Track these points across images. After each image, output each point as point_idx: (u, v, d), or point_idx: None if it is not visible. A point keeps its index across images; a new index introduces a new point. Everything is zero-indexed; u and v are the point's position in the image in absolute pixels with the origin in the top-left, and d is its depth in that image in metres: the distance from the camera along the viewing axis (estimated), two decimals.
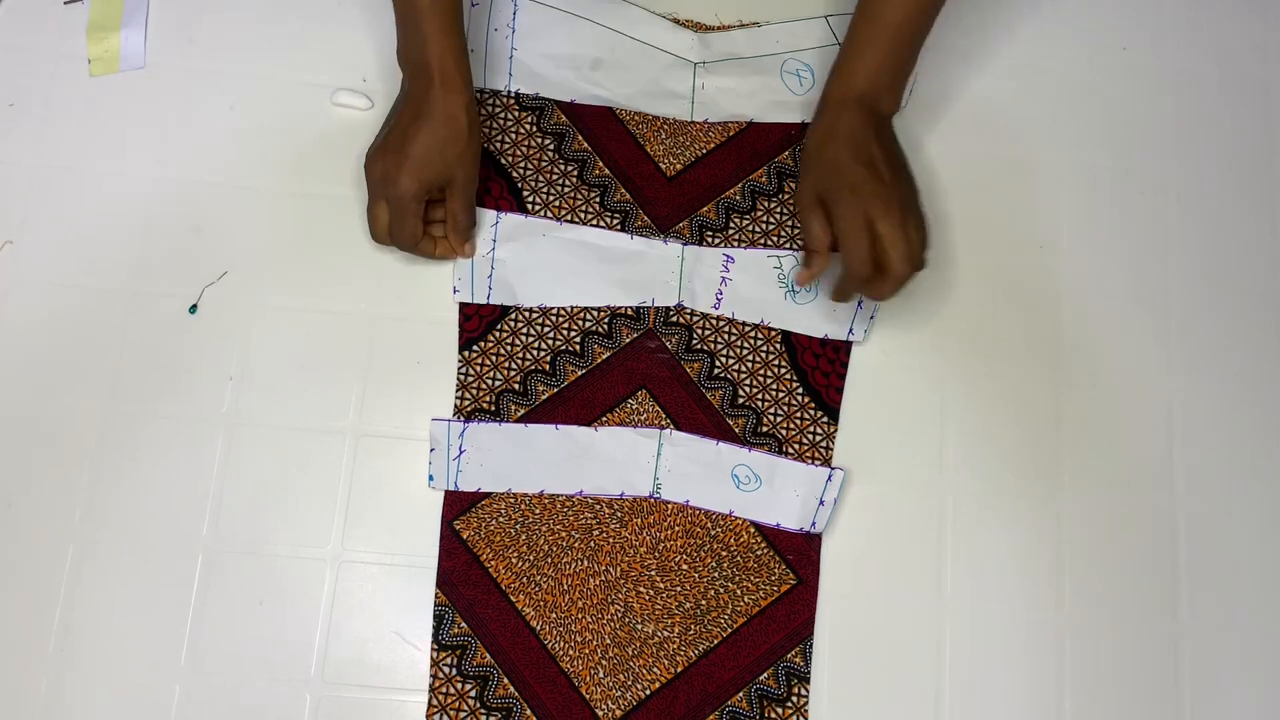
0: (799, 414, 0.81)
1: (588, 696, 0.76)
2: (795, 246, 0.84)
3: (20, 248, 0.81)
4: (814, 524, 0.79)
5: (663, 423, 0.80)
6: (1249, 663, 0.79)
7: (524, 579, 0.78)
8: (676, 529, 0.79)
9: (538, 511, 0.79)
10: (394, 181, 0.75)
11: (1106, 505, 0.81)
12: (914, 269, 0.74)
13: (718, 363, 0.82)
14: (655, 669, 0.77)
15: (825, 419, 0.81)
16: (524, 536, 0.78)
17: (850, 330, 0.82)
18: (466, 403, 0.80)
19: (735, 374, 0.82)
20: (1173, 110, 0.89)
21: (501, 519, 0.78)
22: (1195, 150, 0.89)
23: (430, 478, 0.78)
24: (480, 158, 0.78)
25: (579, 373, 0.81)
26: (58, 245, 0.81)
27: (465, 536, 0.78)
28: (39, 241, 0.81)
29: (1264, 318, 0.85)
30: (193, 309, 0.81)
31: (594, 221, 0.84)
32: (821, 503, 0.79)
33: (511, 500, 0.79)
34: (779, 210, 0.85)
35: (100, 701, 0.74)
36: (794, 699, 0.77)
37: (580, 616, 0.77)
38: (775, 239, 0.84)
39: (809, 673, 0.77)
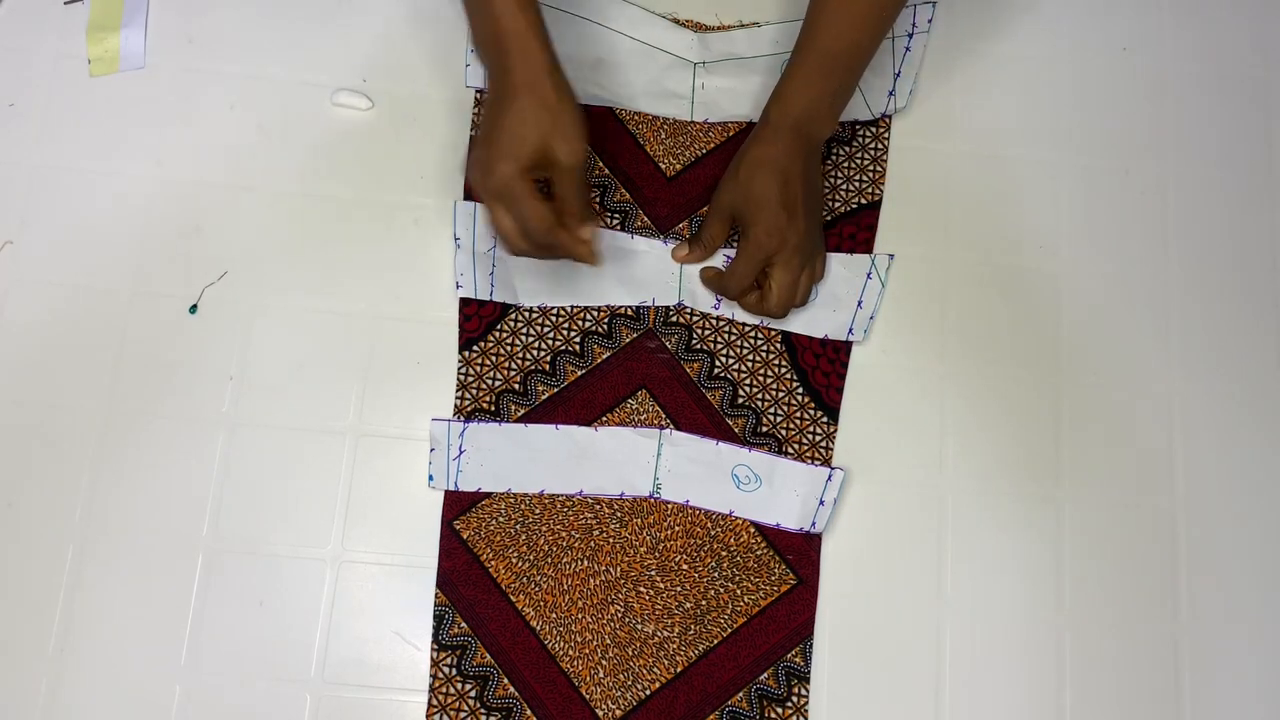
0: (799, 414, 0.81)
1: (588, 696, 0.76)
2: None
3: (20, 248, 0.81)
4: (814, 524, 0.79)
5: (663, 423, 0.80)
6: (1249, 662, 0.79)
7: (524, 579, 0.78)
8: (676, 529, 0.79)
9: (538, 511, 0.79)
10: (491, 172, 0.70)
11: (1106, 505, 0.81)
12: (786, 312, 0.80)
13: (718, 363, 0.82)
14: (655, 669, 0.77)
15: (825, 419, 0.81)
16: (524, 536, 0.78)
17: (850, 330, 0.82)
18: (466, 403, 0.80)
19: (735, 374, 0.82)
20: (1173, 110, 0.89)
21: (501, 519, 0.78)
22: (1195, 150, 0.89)
23: (430, 478, 0.78)
24: (583, 126, 0.71)
25: (579, 373, 0.81)
26: (58, 245, 0.81)
27: (465, 536, 0.78)
28: (39, 241, 0.81)
29: (1264, 318, 0.85)
30: (193, 309, 0.81)
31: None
32: (821, 503, 0.79)
33: (511, 500, 0.79)
34: None
35: (100, 701, 0.74)
36: (794, 699, 0.77)
37: (580, 616, 0.77)
38: None
39: (809, 673, 0.77)
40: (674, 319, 0.82)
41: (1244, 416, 0.84)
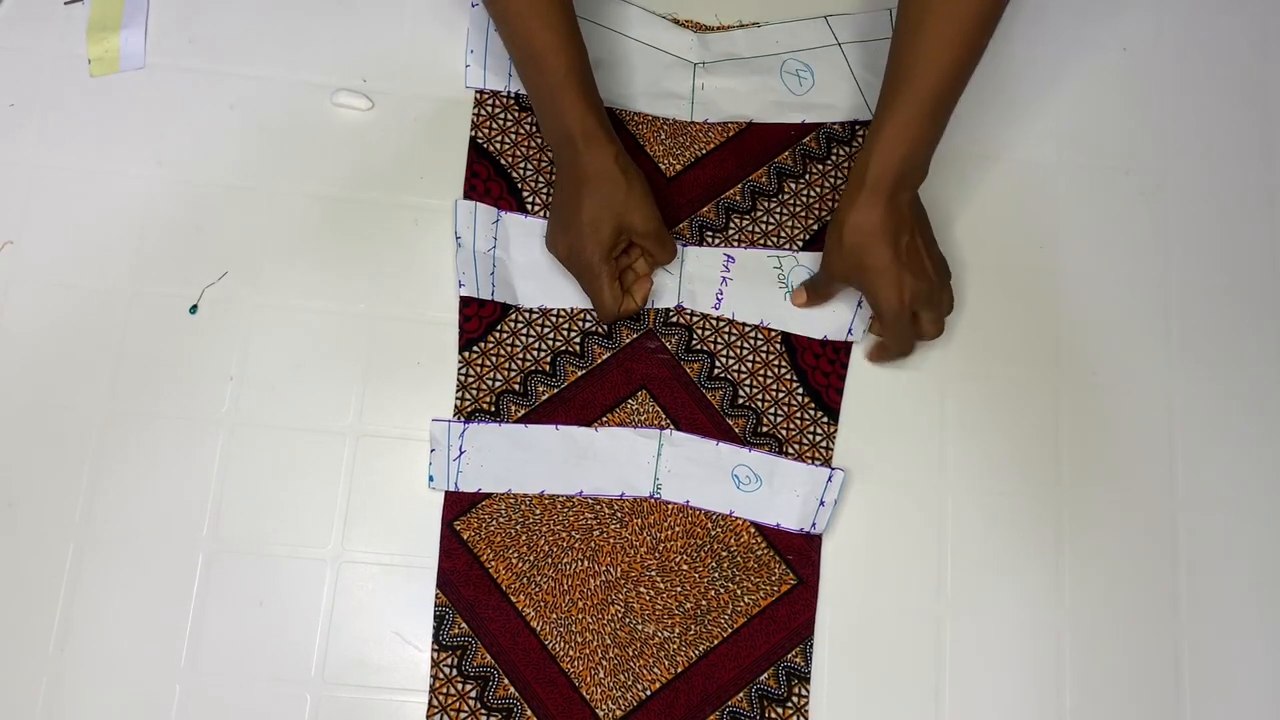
0: (799, 414, 0.81)
1: (588, 697, 0.76)
2: (796, 247, 0.84)
3: (20, 248, 0.81)
4: (814, 525, 0.79)
5: (663, 423, 0.80)
6: (1249, 662, 0.79)
7: (524, 579, 0.78)
8: (677, 529, 0.79)
9: (538, 512, 0.79)
10: (579, 253, 0.76)
11: (1106, 505, 0.81)
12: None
13: (718, 363, 0.82)
14: (656, 669, 0.77)
15: (825, 419, 0.81)
16: (524, 537, 0.78)
17: (850, 330, 0.82)
18: (466, 403, 0.80)
19: (735, 374, 0.82)
20: (1173, 110, 0.89)
21: (501, 519, 0.78)
22: (1195, 150, 0.89)
23: (430, 478, 0.78)
24: (651, 194, 0.78)
25: (579, 373, 0.81)
26: (58, 245, 0.81)
27: (465, 537, 0.78)
28: (39, 241, 0.81)
29: (1264, 318, 0.85)
30: (193, 309, 0.81)
31: None
32: (822, 503, 0.79)
33: (511, 501, 0.79)
34: (779, 210, 0.85)
35: (100, 701, 0.74)
36: (794, 699, 0.77)
37: (580, 617, 0.77)
38: (775, 239, 0.84)
39: (809, 673, 0.77)
40: (674, 319, 0.82)
41: (1244, 416, 0.84)
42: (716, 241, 0.84)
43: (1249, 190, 0.88)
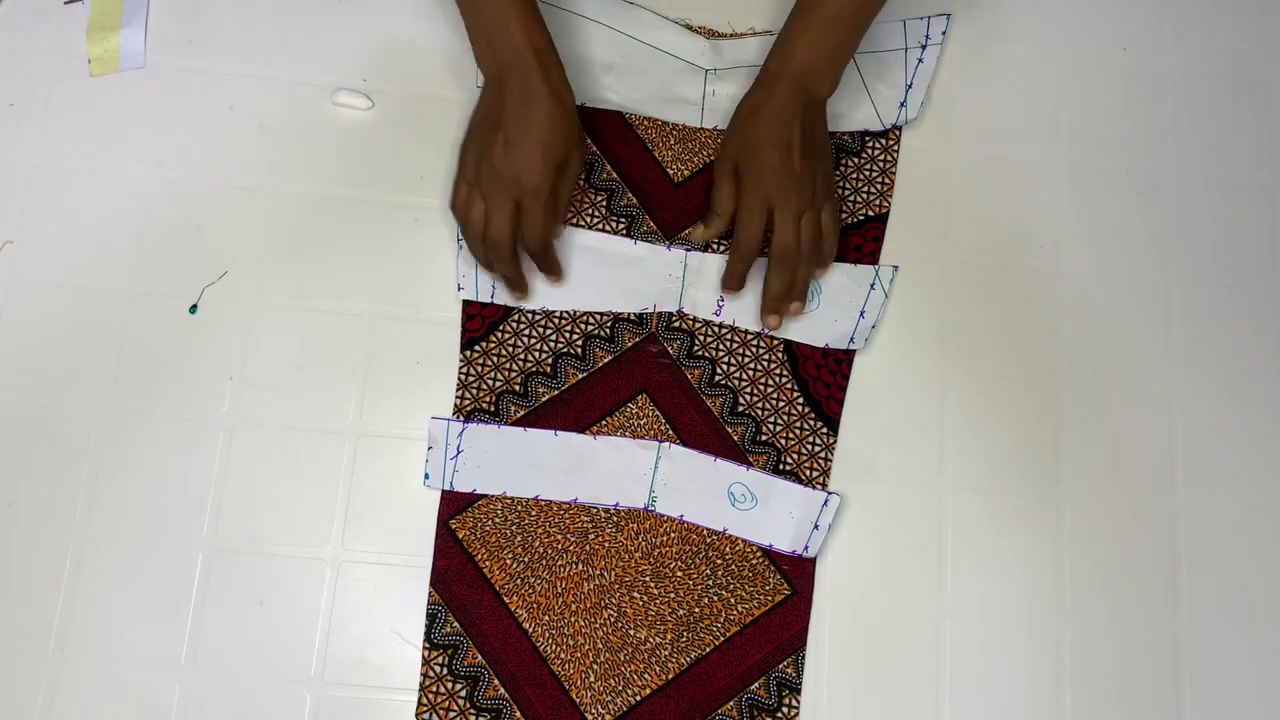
0: (799, 424, 0.81)
1: (578, 700, 0.76)
2: None
3: (20, 248, 0.81)
4: (806, 548, 0.78)
5: (662, 427, 0.80)
6: (1249, 662, 0.79)
7: (518, 580, 0.78)
8: (672, 535, 0.79)
9: (534, 514, 0.79)
10: (532, 172, 0.74)
11: (1106, 505, 0.81)
12: (798, 261, 0.78)
13: (719, 370, 0.82)
14: (646, 675, 0.77)
15: (825, 430, 0.81)
16: (519, 538, 0.78)
17: (851, 339, 0.82)
18: (467, 402, 0.80)
19: (736, 382, 0.82)
20: (1173, 110, 0.89)
21: (497, 520, 0.78)
22: (1195, 150, 0.89)
23: (426, 475, 0.78)
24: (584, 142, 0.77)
25: (580, 375, 0.81)
26: (58, 245, 0.82)
27: (461, 536, 0.78)
28: (39, 241, 0.82)
29: (1264, 318, 0.85)
30: (193, 309, 0.81)
31: (600, 225, 0.84)
32: (816, 527, 0.78)
33: (508, 502, 0.79)
34: None
35: (100, 701, 0.75)
36: (784, 709, 0.77)
37: (573, 620, 0.77)
38: None
39: (800, 684, 0.77)
40: (676, 324, 0.82)
41: (1244, 416, 0.84)
42: (721, 248, 0.84)
43: (1249, 190, 0.88)
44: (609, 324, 0.82)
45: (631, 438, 0.80)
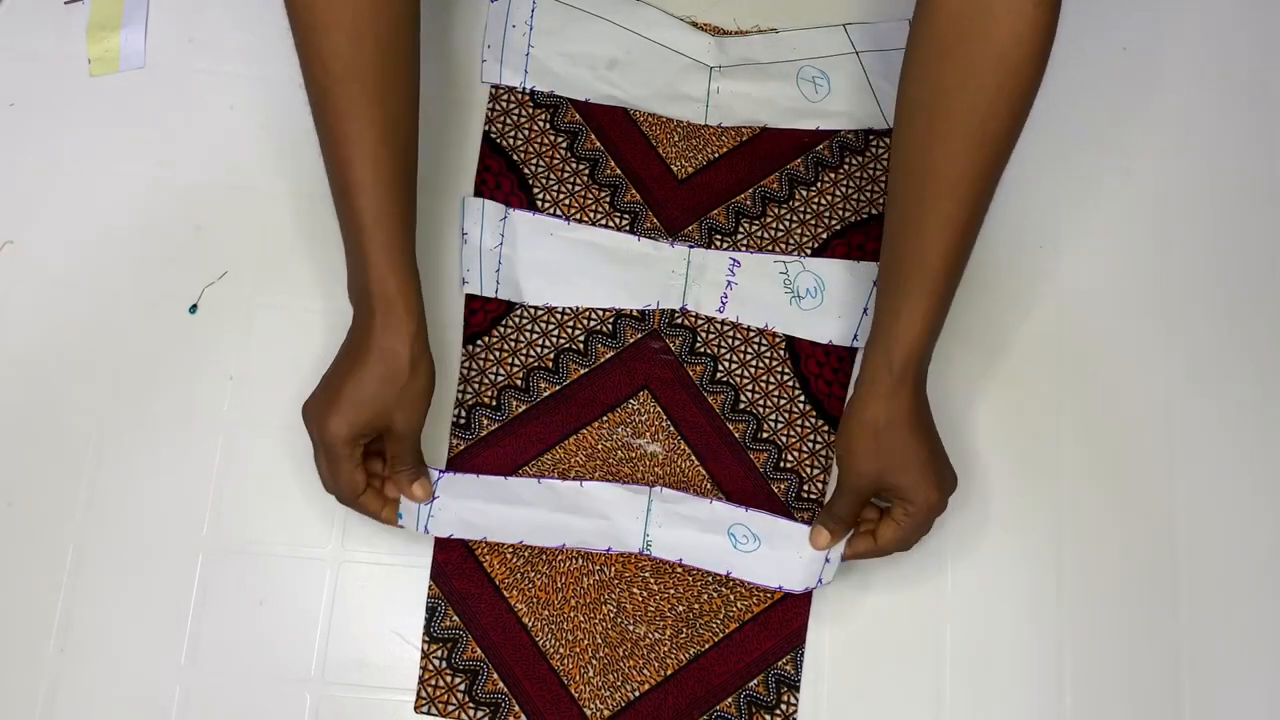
0: (799, 421, 0.81)
1: (576, 695, 0.76)
2: (805, 252, 0.84)
3: (20, 248, 0.81)
4: (820, 580, 0.76)
5: (663, 423, 0.80)
6: (1249, 663, 0.79)
7: (518, 575, 0.77)
8: None
9: None
10: (324, 427, 0.68)
11: (1106, 505, 0.81)
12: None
13: (720, 366, 0.82)
14: (645, 671, 0.77)
15: (826, 427, 0.81)
16: None
17: (855, 336, 0.82)
18: (468, 396, 0.80)
19: (738, 379, 0.82)
20: (1173, 110, 0.89)
21: None
22: (1195, 150, 0.89)
23: (400, 515, 0.75)
24: (429, 396, 0.71)
25: (582, 371, 0.81)
26: (58, 245, 0.81)
27: None
28: (39, 241, 0.81)
29: (1264, 318, 0.85)
30: (193, 309, 0.81)
31: (603, 221, 0.84)
32: (827, 560, 0.76)
33: None
34: (789, 217, 0.85)
35: (100, 701, 0.74)
36: (783, 706, 0.77)
37: (573, 615, 0.77)
38: (784, 245, 0.84)
39: (799, 681, 0.77)
40: (679, 321, 0.82)
41: (1244, 417, 0.84)
42: (725, 245, 0.84)
43: (1249, 190, 0.88)
44: (611, 320, 0.82)
45: (621, 483, 0.78)
